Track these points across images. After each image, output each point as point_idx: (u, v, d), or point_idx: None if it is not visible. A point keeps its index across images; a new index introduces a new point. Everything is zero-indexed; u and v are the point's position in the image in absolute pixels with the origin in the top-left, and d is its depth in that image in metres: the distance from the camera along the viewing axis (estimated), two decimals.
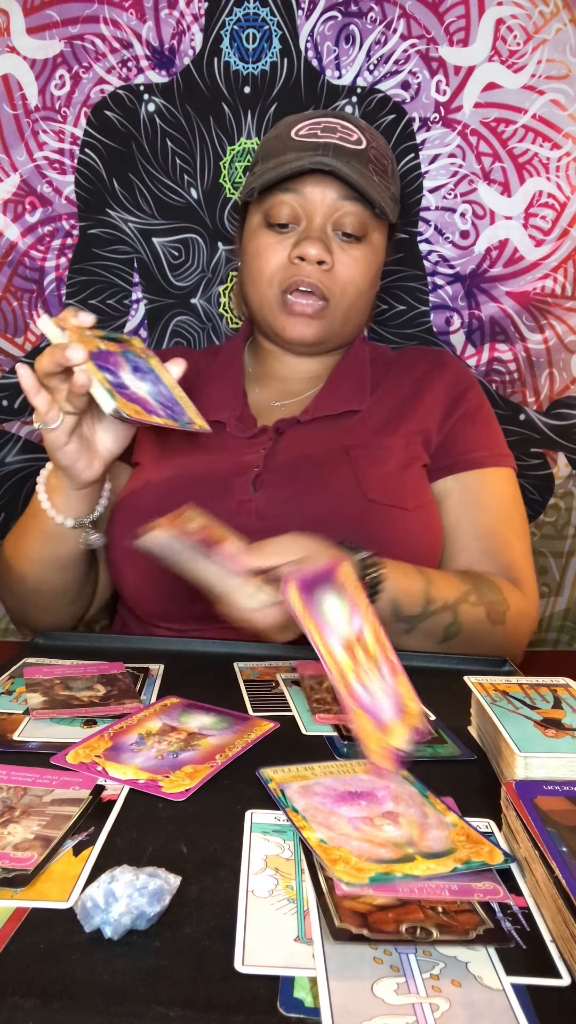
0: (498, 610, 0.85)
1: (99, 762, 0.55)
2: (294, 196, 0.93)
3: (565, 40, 1.14)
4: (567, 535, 1.31)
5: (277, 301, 0.95)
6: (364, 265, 0.95)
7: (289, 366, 1.03)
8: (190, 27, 1.14)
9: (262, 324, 1.01)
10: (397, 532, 0.87)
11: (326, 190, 0.92)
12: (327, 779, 0.54)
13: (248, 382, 1.03)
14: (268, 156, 0.96)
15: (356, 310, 0.98)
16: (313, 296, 0.94)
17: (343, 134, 0.93)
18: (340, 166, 0.89)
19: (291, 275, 0.93)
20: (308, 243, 0.91)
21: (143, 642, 0.85)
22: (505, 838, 0.49)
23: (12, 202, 1.17)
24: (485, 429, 0.99)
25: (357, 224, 0.93)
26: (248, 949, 0.38)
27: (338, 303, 0.95)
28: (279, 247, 0.94)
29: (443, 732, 0.64)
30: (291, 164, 0.90)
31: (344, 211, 0.92)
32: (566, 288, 1.21)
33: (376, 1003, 0.35)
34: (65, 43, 1.14)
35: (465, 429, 0.97)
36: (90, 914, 0.39)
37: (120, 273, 1.22)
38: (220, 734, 0.61)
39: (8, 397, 1.23)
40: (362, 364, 1.02)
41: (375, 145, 0.95)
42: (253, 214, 0.97)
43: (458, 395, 0.99)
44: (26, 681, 0.70)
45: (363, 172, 0.91)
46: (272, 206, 0.93)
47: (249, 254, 0.98)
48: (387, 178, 0.96)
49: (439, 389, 0.99)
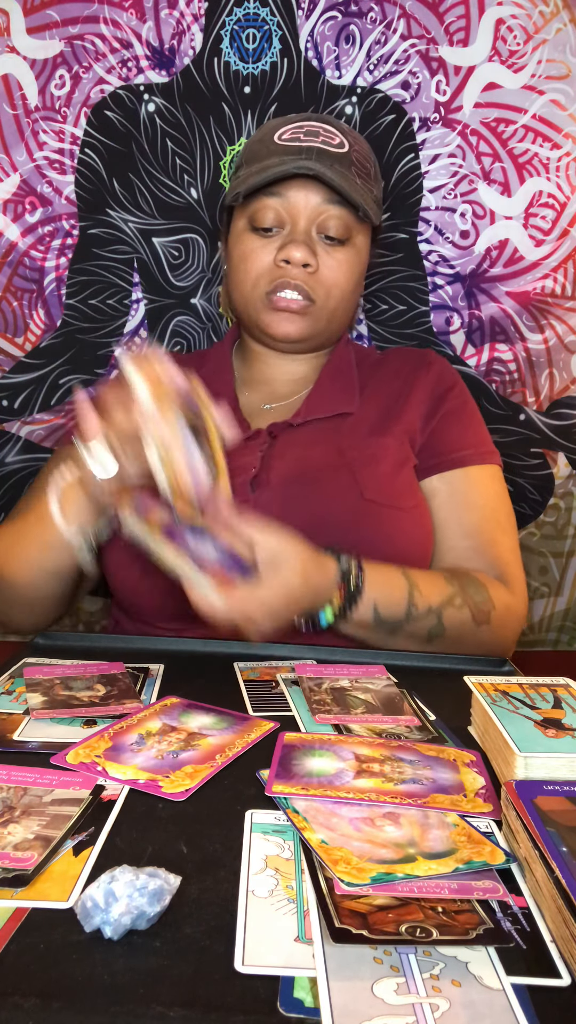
0: (483, 610, 0.86)
1: (99, 762, 0.55)
2: (278, 200, 0.93)
3: (565, 40, 1.14)
4: (567, 535, 1.31)
5: (262, 300, 0.96)
6: (348, 267, 0.96)
7: (277, 368, 1.04)
8: (190, 27, 1.14)
9: (248, 323, 1.01)
10: (393, 532, 0.88)
11: (310, 194, 0.93)
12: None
13: (237, 386, 1.04)
14: (252, 160, 0.97)
15: (341, 311, 0.99)
16: (298, 294, 0.94)
17: (326, 137, 0.93)
18: (323, 170, 0.90)
19: (276, 277, 0.94)
20: (293, 246, 0.92)
21: (143, 642, 0.85)
22: (505, 838, 0.49)
23: (12, 202, 1.17)
24: (469, 427, 0.99)
25: (341, 227, 0.94)
26: (248, 949, 0.38)
27: (323, 304, 0.96)
28: (264, 251, 0.95)
29: (443, 732, 0.64)
30: (275, 169, 0.91)
31: (328, 214, 0.93)
32: (566, 288, 1.21)
33: (376, 1003, 0.35)
34: (65, 43, 1.14)
35: (449, 428, 0.98)
36: (90, 914, 0.39)
37: (120, 273, 1.22)
38: (220, 734, 0.61)
39: (8, 397, 1.23)
40: (348, 366, 1.03)
41: (357, 148, 0.96)
42: (238, 218, 0.98)
43: (441, 394, 1.00)
44: (26, 681, 0.70)
45: (346, 176, 0.92)
46: (257, 210, 0.94)
47: (235, 258, 0.98)
48: (370, 181, 0.97)
49: (422, 389, 0.99)
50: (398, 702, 0.69)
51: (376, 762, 0.57)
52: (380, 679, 0.74)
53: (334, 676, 0.74)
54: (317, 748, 0.59)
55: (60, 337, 1.22)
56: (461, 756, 0.59)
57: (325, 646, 0.84)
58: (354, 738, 0.61)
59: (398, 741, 0.61)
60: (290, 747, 0.59)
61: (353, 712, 0.66)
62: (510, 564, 0.93)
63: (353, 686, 0.72)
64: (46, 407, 1.24)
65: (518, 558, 0.95)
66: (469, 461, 0.96)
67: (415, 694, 0.72)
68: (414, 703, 0.70)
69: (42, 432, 1.25)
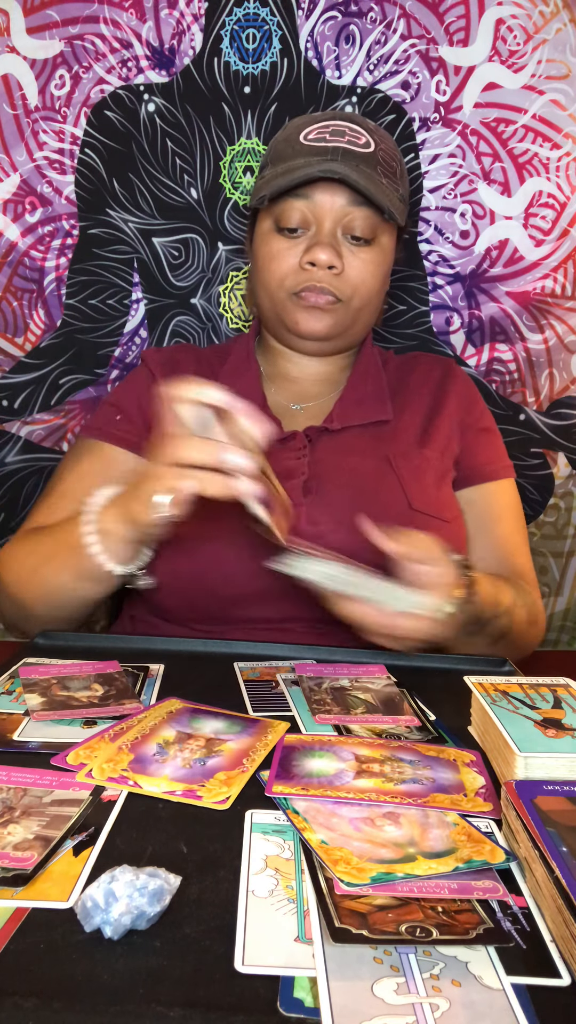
0: (533, 612, 0.92)
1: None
2: (304, 202, 0.93)
3: (565, 40, 1.14)
4: (567, 535, 1.31)
5: (289, 299, 0.96)
6: (374, 267, 0.96)
7: (300, 367, 1.04)
8: (190, 27, 1.14)
9: (274, 323, 1.01)
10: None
11: (335, 196, 0.93)
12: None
13: (264, 383, 1.04)
14: (277, 160, 0.97)
15: (367, 311, 0.99)
16: (325, 294, 0.95)
17: (351, 137, 0.93)
18: (349, 172, 0.89)
19: (303, 280, 0.94)
20: (319, 248, 0.92)
21: (143, 642, 0.85)
22: (505, 838, 0.49)
23: (12, 202, 1.17)
24: (491, 442, 1.04)
25: (366, 228, 0.94)
26: (248, 949, 0.38)
27: (349, 303, 0.96)
28: (290, 252, 0.95)
29: (443, 732, 0.64)
30: (301, 171, 0.91)
31: (353, 215, 0.93)
32: (566, 288, 1.21)
33: (376, 1003, 0.35)
34: (65, 43, 1.14)
35: (476, 443, 1.02)
36: (90, 914, 0.39)
37: (120, 273, 1.22)
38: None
39: (8, 397, 1.23)
40: (377, 369, 1.04)
41: (383, 147, 0.95)
42: (263, 219, 0.98)
43: (468, 408, 1.03)
44: (23, 681, 0.69)
45: (372, 176, 0.92)
46: (282, 211, 0.94)
47: (260, 258, 0.98)
48: (395, 180, 0.97)
49: (453, 404, 1.02)
50: (398, 702, 0.69)
51: (376, 762, 0.56)
52: (380, 679, 0.74)
53: (334, 676, 0.74)
54: (317, 749, 0.59)
55: (60, 337, 1.22)
56: (461, 756, 0.59)
57: (325, 646, 0.84)
58: (354, 739, 0.61)
59: (398, 741, 0.61)
60: (290, 748, 0.59)
61: (353, 712, 0.66)
62: (529, 572, 0.98)
63: (353, 686, 0.72)
64: (46, 407, 1.24)
65: (533, 567, 1.01)
66: (495, 475, 1.01)
67: (415, 694, 0.72)
68: (414, 703, 0.70)
69: (42, 432, 1.25)
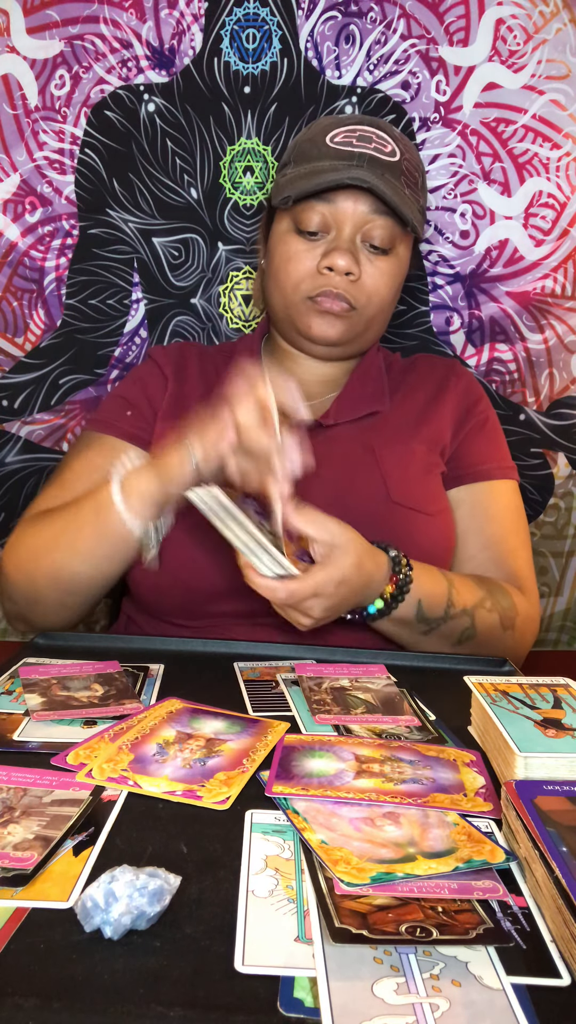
0: (509, 616, 0.89)
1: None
2: (326, 206, 0.93)
3: (565, 40, 1.14)
4: (567, 535, 1.31)
5: (304, 303, 0.96)
6: (389, 278, 0.96)
7: (305, 368, 1.03)
8: (190, 27, 1.14)
9: (285, 324, 1.01)
10: (416, 535, 0.90)
11: (358, 203, 0.92)
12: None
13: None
14: (301, 159, 0.96)
15: (379, 320, 0.99)
16: (341, 300, 0.94)
17: (378, 144, 0.93)
18: (375, 181, 0.89)
19: (319, 285, 0.94)
20: (337, 254, 0.91)
21: (143, 642, 0.85)
22: (505, 838, 0.49)
23: (12, 202, 1.17)
24: (493, 441, 1.03)
25: (386, 237, 0.94)
26: (248, 949, 0.38)
27: (363, 311, 0.96)
28: (308, 255, 0.94)
29: (443, 732, 0.64)
30: (327, 175, 0.90)
31: (374, 224, 0.93)
32: (566, 288, 1.21)
33: (376, 1003, 0.35)
34: (65, 43, 1.14)
35: (475, 441, 1.01)
36: (90, 914, 0.39)
37: (120, 273, 1.22)
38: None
39: (8, 397, 1.23)
40: (378, 370, 1.04)
41: (408, 157, 0.95)
42: (282, 218, 0.98)
43: (468, 407, 1.02)
44: (23, 681, 0.70)
45: (396, 187, 0.92)
46: (303, 213, 0.94)
47: (277, 258, 0.98)
48: (417, 191, 0.96)
49: (452, 401, 1.02)
50: (398, 702, 0.69)
51: (376, 762, 0.56)
52: (380, 679, 0.74)
53: (334, 676, 0.74)
54: (317, 749, 0.59)
55: (60, 337, 1.22)
56: (461, 756, 0.59)
57: (325, 646, 0.84)
58: (354, 739, 0.61)
59: (398, 741, 0.61)
60: (290, 748, 0.59)
61: (353, 712, 0.66)
62: (527, 575, 0.96)
63: (353, 686, 0.72)
64: (46, 407, 1.24)
65: (533, 570, 0.99)
66: (492, 475, 1.00)
67: (415, 694, 0.72)
68: (414, 703, 0.70)
69: (42, 432, 1.25)
